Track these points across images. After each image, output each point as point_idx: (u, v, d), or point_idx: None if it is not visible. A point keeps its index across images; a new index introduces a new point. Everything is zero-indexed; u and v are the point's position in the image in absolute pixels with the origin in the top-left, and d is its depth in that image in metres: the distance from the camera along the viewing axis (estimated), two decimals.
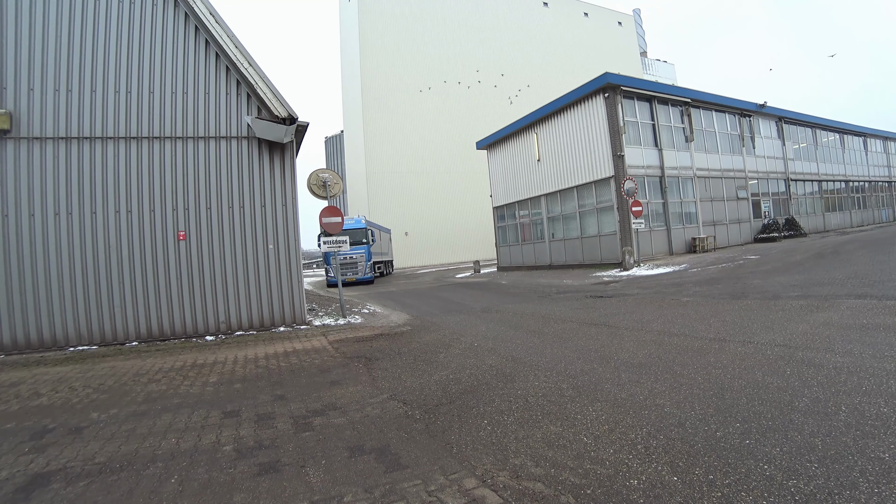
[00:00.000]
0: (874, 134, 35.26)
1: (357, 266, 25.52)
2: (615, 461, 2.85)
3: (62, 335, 8.72)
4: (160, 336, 9.20)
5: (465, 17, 50.71)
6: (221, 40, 9.54)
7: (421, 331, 8.58)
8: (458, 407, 4.13)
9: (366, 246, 25.75)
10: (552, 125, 22.23)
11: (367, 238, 25.91)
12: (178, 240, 9.36)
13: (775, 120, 26.62)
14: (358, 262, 25.56)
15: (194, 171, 9.55)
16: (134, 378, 6.11)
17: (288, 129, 9.62)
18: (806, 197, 28.29)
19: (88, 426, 4.27)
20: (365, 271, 25.75)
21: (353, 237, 23.94)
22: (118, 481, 3.12)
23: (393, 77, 46.38)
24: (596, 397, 4.02)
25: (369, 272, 26.02)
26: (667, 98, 20.96)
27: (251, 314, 9.73)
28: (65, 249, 8.77)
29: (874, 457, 2.58)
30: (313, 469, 3.10)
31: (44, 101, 8.81)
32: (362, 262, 25.63)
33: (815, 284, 9.05)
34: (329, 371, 5.92)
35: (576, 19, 59.69)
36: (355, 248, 24.52)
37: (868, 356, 4.37)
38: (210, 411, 4.51)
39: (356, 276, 25.48)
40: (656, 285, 11.94)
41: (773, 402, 3.51)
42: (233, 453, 3.47)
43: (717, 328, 6.31)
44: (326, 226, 10.80)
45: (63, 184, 8.83)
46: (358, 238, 25.12)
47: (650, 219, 19.48)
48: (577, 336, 6.75)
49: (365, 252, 25.69)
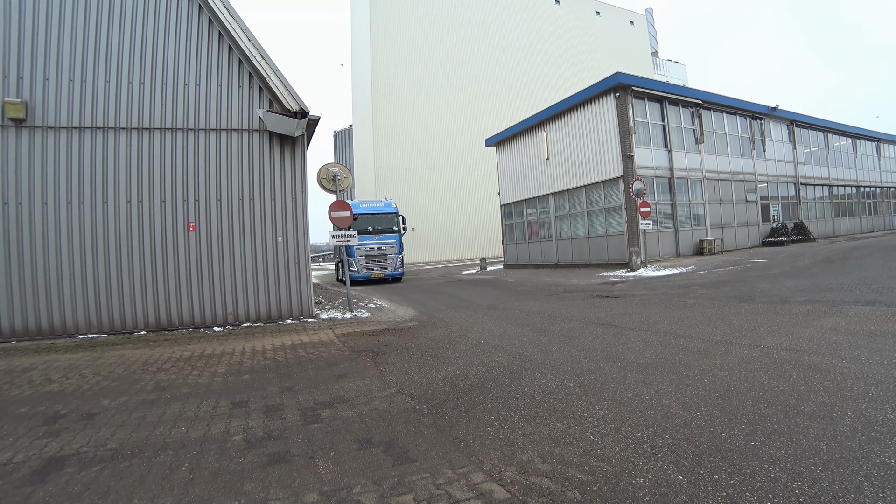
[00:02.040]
0: (888, 139, 34.86)
1: (386, 259, 21.15)
2: (621, 459, 2.88)
3: (72, 323, 8.83)
4: (168, 326, 9.29)
5: (476, 13, 50.53)
6: (234, 33, 9.59)
7: (428, 326, 8.63)
8: (465, 402, 4.16)
9: (396, 235, 21.55)
10: (562, 124, 22.17)
11: (397, 225, 21.78)
12: (188, 231, 9.44)
13: (786, 123, 26.42)
14: (387, 254, 21.18)
15: (205, 162, 9.62)
16: (143, 367, 6.19)
17: (299, 122, 9.66)
18: (816, 201, 28.08)
19: (100, 413, 4.34)
20: (396, 266, 21.41)
21: (381, 223, 21.37)
22: (130, 467, 3.17)
23: (403, 72, 46.33)
24: (602, 396, 4.05)
25: (400, 267, 21.75)
26: (677, 99, 20.84)
27: (259, 306, 9.81)
28: (76, 238, 8.87)
29: (879, 462, 2.59)
30: (322, 460, 3.15)
31: (58, 92, 8.89)
32: (393, 254, 21.31)
33: (822, 290, 9.01)
34: (336, 364, 5.97)
35: (588, 18, 59.32)
36: (383, 237, 21.11)
37: (875, 363, 4.37)
38: (219, 401, 4.57)
39: (384, 272, 21.15)
40: (663, 287, 11.92)
41: (778, 406, 3.52)
42: (242, 443, 3.52)
43: (724, 331, 6.31)
44: (336, 220, 10.83)
45: (76, 173, 8.93)
46: (386, 225, 21.52)
47: (658, 220, 19.41)
48: (584, 335, 6.77)
49: (396, 242, 21.47)
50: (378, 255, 21.05)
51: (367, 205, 22.06)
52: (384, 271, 21.13)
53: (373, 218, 21.29)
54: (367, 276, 20.73)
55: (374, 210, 21.73)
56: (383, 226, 21.39)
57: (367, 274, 20.73)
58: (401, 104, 45.92)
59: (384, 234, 21.17)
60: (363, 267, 20.55)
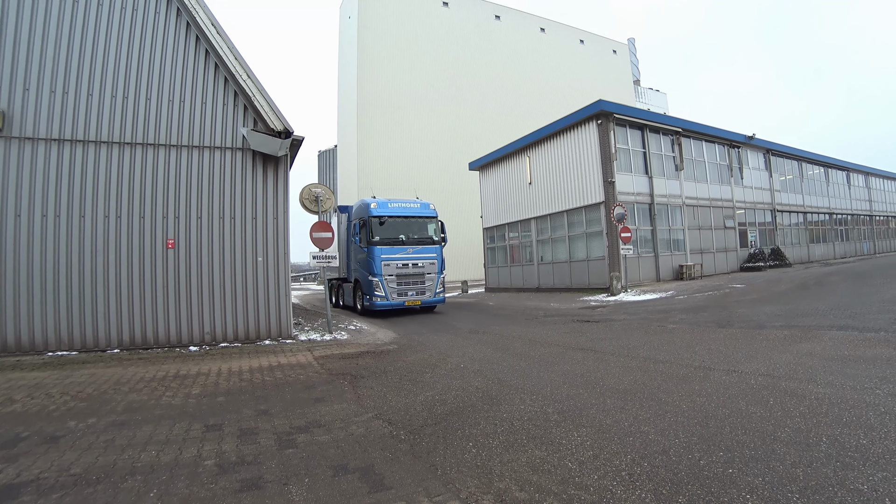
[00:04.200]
0: (856, 169, 36.21)
1: (424, 281, 14.90)
2: (599, 487, 2.85)
3: (41, 339, 8.54)
4: (143, 344, 9.06)
5: (463, 39, 51.45)
6: (222, 51, 9.60)
7: (407, 350, 8.55)
8: (443, 428, 4.11)
9: (437, 247, 15.46)
10: (545, 149, 22.50)
11: (437, 234, 15.66)
12: (167, 248, 9.29)
13: (763, 152, 27.19)
14: (426, 273, 14.94)
15: (187, 179, 9.52)
16: (114, 386, 6.01)
17: (283, 142, 9.65)
18: (791, 228, 28.78)
19: (65, 435, 4.18)
20: (436, 289, 15.21)
21: (416, 231, 15.20)
22: (94, 494, 3.05)
23: (389, 95, 46.77)
24: (581, 422, 4.03)
25: (441, 290, 15.50)
26: (658, 127, 21.36)
27: (237, 326, 9.63)
28: (49, 252, 8.65)
29: (853, 488, 2.61)
30: (296, 487, 3.06)
31: (38, 102, 8.76)
32: (433, 273, 15.09)
33: (798, 315, 9.16)
34: (314, 387, 5.87)
35: (572, 46, 60.80)
36: (421, 249, 14.94)
37: (849, 387, 4.43)
38: (192, 424, 4.44)
39: (421, 298, 14.80)
40: (643, 311, 12.02)
41: (756, 432, 3.53)
42: (214, 468, 3.41)
43: (703, 356, 6.36)
44: (317, 241, 10.76)
45: (53, 186, 8.75)
46: (422, 233, 15.34)
47: (638, 245, 19.67)
48: (564, 360, 6.76)
49: (437, 257, 15.32)
50: (414, 275, 14.74)
51: (398, 205, 15.46)
52: (421, 296, 14.81)
53: (405, 223, 15.10)
54: (397, 303, 14.37)
55: (406, 212, 15.34)
56: (418, 234, 15.23)
57: (399, 301, 14.37)
58: (386, 126, 46.24)
59: (421, 246, 15.05)
60: (393, 291, 14.28)
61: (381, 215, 14.52)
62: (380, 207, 14.69)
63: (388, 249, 14.32)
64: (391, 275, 14.30)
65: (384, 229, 14.45)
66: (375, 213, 14.48)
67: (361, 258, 14.87)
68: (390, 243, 14.43)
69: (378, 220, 14.42)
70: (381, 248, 14.21)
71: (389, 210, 14.92)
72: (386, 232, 14.47)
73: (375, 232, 14.27)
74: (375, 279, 14.17)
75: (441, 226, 15.86)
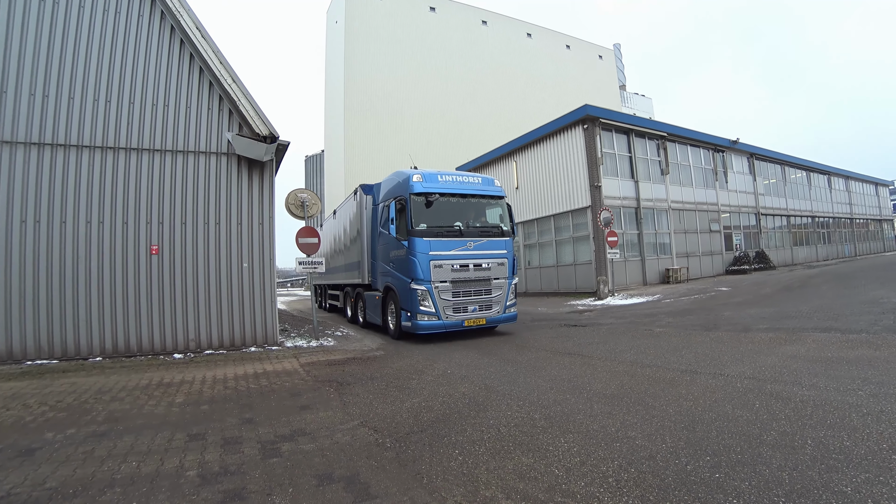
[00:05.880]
0: (836, 173, 36.91)
1: (492, 290, 10.18)
2: (586, 494, 2.83)
3: (19, 348, 8.35)
4: (126, 352, 8.90)
5: (449, 44, 51.66)
6: (206, 55, 9.50)
7: (394, 356, 8.49)
8: (429, 436, 4.07)
9: (507, 241, 10.62)
10: (531, 154, 22.59)
11: (505, 222, 10.82)
12: (151, 254, 9.15)
13: (747, 156, 27.57)
14: (494, 277, 10.21)
15: (171, 184, 9.39)
16: (96, 396, 5.89)
17: (268, 147, 9.56)
18: (775, 231, 29.19)
19: (41, 447, 4.08)
20: (506, 302, 10.38)
21: (477, 217, 10.65)
22: None
23: (376, 100, 46.79)
24: (568, 428, 4.01)
25: (512, 301, 10.54)
26: (644, 131, 21.55)
27: (222, 333, 9.50)
28: (29, 258, 8.46)
29: (838, 490, 2.63)
30: (280, 497, 3.01)
31: (17, 106, 8.59)
32: (503, 278, 10.33)
33: (783, 317, 9.27)
34: (300, 395, 5.80)
35: (558, 51, 61.33)
36: (487, 243, 10.20)
37: (832, 389, 4.48)
38: (175, 433, 4.36)
39: (487, 315, 10.08)
40: (630, 315, 12.08)
41: (742, 436, 3.55)
42: (196, 479, 3.34)
43: (689, 360, 6.39)
44: (303, 247, 10.65)
45: (32, 191, 8.57)
46: (489, 220, 10.80)
47: (625, 249, 19.80)
48: (551, 365, 6.76)
49: (508, 254, 10.53)
50: (479, 281, 10.09)
51: (451, 178, 10.54)
52: (486, 312, 10.10)
53: (462, 205, 10.45)
54: (453, 322, 9.73)
55: (465, 188, 10.49)
56: (480, 221, 10.62)
57: (456, 320, 9.75)
58: (373, 131, 46.22)
59: (486, 239, 10.27)
60: (447, 305, 9.68)
61: (430, 191, 9.89)
62: (426, 181, 9.97)
63: (438, 244, 9.73)
64: (444, 280, 9.70)
65: (432, 214, 9.87)
66: (420, 188, 9.84)
67: (398, 256, 10.17)
68: (442, 234, 9.83)
69: (424, 198, 9.84)
70: (429, 242, 9.64)
71: (440, 185, 10.15)
72: (435, 218, 9.89)
73: (420, 218, 9.72)
74: (421, 287, 9.54)
75: (509, 210, 11.03)
